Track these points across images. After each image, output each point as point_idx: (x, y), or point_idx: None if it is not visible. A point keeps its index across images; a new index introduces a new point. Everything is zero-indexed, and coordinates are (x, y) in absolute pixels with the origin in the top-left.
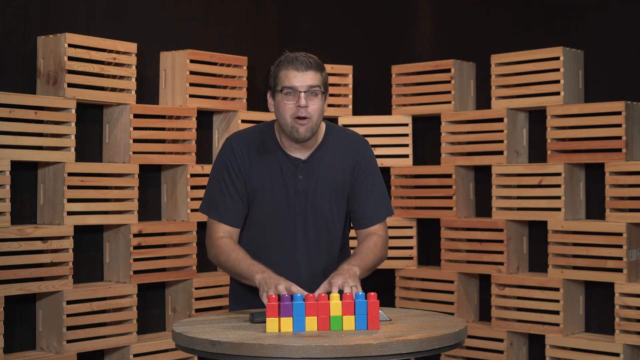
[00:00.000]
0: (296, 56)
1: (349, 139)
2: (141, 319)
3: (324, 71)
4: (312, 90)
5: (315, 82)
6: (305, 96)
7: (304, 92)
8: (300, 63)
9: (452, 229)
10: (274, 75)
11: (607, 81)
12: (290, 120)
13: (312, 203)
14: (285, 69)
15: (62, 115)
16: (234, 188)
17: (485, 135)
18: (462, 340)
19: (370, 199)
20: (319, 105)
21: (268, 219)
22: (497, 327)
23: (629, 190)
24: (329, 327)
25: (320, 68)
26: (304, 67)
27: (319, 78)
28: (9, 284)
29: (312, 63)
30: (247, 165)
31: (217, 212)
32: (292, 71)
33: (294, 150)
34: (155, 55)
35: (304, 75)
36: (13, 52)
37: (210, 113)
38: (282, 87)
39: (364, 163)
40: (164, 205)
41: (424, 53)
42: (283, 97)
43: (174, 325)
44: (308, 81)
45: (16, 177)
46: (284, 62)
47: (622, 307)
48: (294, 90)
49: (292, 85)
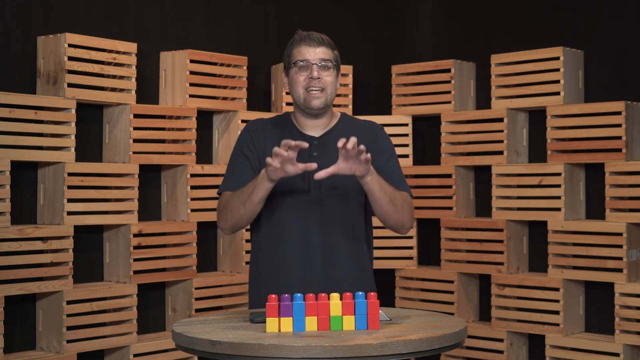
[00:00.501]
0: (308, 34)
1: (363, 123)
2: (141, 319)
3: (336, 50)
4: (324, 64)
5: (327, 57)
6: (318, 68)
7: (316, 64)
8: (312, 39)
9: (452, 229)
10: (287, 53)
11: (607, 81)
12: (302, 92)
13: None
14: (298, 45)
15: (62, 115)
16: (245, 160)
17: (485, 135)
18: (462, 340)
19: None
20: (331, 78)
21: (283, 193)
22: (497, 327)
23: (629, 190)
24: (329, 327)
25: (332, 46)
26: (315, 42)
27: (330, 54)
28: (9, 284)
29: (324, 40)
30: (262, 142)
31: (225, 185)
32: (305, 47)
33: (308, 129)
34: (155, 55)
35: (316, 50)
36: (13, 52)
37: (210, 113)
38: (295, 61)
39: (379, 141)
40: (164, 205)
41: (424, 53)
42: (296, 71)
43: (174, 325)
44: (320, 55)
45: (16, 177)
46: (297, 40)
47: (622, 307)
48: (307, 63)
49: (304, 58)
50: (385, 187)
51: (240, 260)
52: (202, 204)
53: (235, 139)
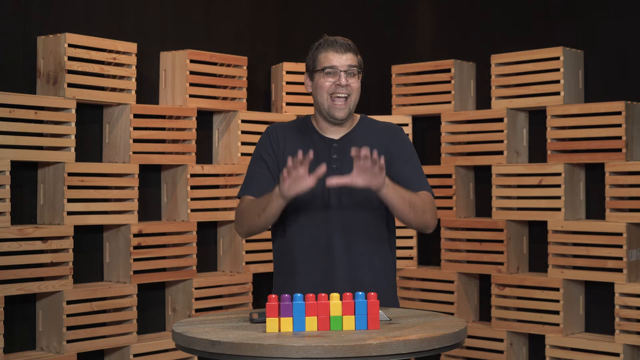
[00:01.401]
0: (335, 39)
1: (382, 124)
2: (141, 319)
3: (359, 54)
4: (351, 70)
5: (354, 63)
6: (345, 75)
7: (344, 71)
8: (339, 45)
9: (452, 229)
10: (313, 57)
11: (607, 81)
12: (327, 97)
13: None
14: (325, 50)
15: (62, 115)
16: (263, 164)
17: (485, 135)
18: (462, 340)
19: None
20: (357, 84)
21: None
22: (497, 327)
23: (629, 190)
24: (329, 327)
25: (357, 51)
26: (343, 49)
27: (356, 59)
28: (9, 284)
29: (350, 46)
30: (282, 146)
31: (251, 188)
32: (332, 53)
33: (328, 132)
34: (155, 55)
35: (343, 56)
36: (13, 52)
37: (210, 113)
38: (323, 67)
39: (398, 142)
40: (164, 205)
41: (424, 53)
42: (323, 76)
43: (174, 325)
44: (348, 61)
45: (16, 177)
46: (323, 45)
47: (622, 307)
48: (335, 70)
49: (332, 65)
50: (403, 195)
51: (240, 260)
52: (202, 204)
53: (235, 138)
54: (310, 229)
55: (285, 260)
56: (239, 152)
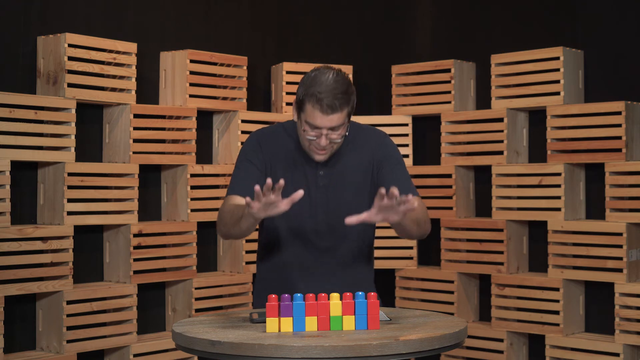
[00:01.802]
0: (322, 97)
1: (368, 131)
2: (141, 319)
3: (352, 101)
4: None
5: (339, 122)
6: (327, 135)
7: (325, 134)
8: (326, 106)
9: (452, 229)
10: (301, 95)
11: (607, 81)
12: (307, 145)
13: (333, 197)
14: (312, 105)
15: (62, 115)
16: (251, 165)
17: (485, 135)
18: (462, 340)
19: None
20: (339, 135)
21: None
22: (497, 327)
23: (629, 190)
24: (329, 327)
25: (347, 102)
26: (330, 110)
27: (343, 116)
28: (9, 284)
29: (337, 105)
30: (269, 158)
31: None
32: (318, 112)
33: None
34: (155, 55)
35: (329, 118)
36: (13, 52)
37: (210, 113)
38: (306, 121)
39: (385, 147)
40: (164, 205)
41: (424, 53)
42: (305, 126)
43: (174, 325)
44: (332, 123)
45: (16, 177)
46: (311, 97)
47: (622, 307)
48: (317, 131)
49: (315, 124)
50: (411, 216)
51: (240, 260)
52: (202, 204)
53: (235, 138)
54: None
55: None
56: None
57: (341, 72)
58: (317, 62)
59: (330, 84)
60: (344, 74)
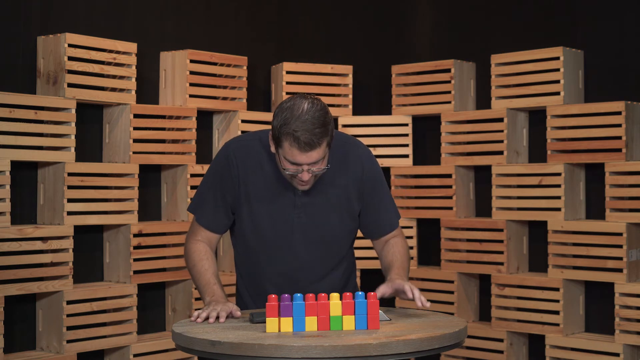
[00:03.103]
0: (299, 135)
1: (350, 151)
2: (141, 319)
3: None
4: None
5: (320, 157)
6: (309, 170)
7: (306, 169)
8: (305, 144)
9: (452, 229)
10: (276, 131)
11: (607, 81)
12: (289, 178)
13: (311, 218)
14: (289, 144)
15: (62, 115)
16: (222, 197)
17: (485, 135)
18: (462, 340)
19: (382, 208)
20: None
21: (265, 232)
22: (497, 327)
23: (629, 190)
24: (329, 327)
25: (326, 134)
26: (308, 147)
27: (323, 149)
28: (9, 284)
29: (316, 141)
30: (243, 175)
31: (202, 215)
32: (296, 150)
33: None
34: (155, 55)
35: (308, 155)
36: (13, 52)
37: (210, 113)
38: (284, 157)
39: (369, 174)
40: (164, 205)
41: (424, 53)
42: (285, 166)
43: (174, 325)
44: (312, 159)
45: (16, 177)
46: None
47: (622, 307)
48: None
49: (295, 161)
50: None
51: None
52: None
53: None
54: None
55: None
56: None
57: (315, 100)
58: (317, 62)
59: (306, 119)
60: (318, 102)
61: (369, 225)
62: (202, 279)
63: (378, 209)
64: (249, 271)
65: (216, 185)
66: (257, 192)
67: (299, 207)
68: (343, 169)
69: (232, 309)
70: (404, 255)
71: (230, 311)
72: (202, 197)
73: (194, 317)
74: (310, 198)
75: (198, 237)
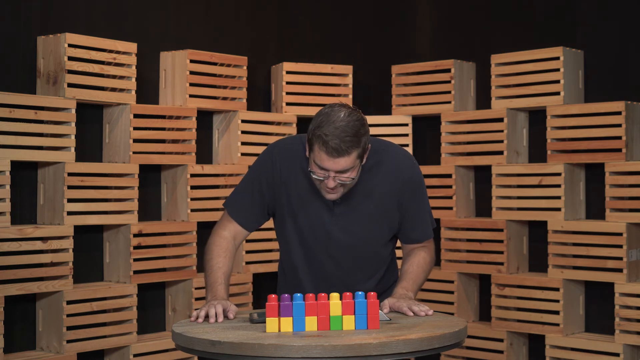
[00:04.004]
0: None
1: (395, 162)
2: (141, 319)
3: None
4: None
5: (348, 166)
6: (335, 177)
7: (333, 176)
8: (332, 149)
9: (452, 229)
10: (310, 134)
11: (607, 81)
12: (318, 184)
13: (349, 225)
14: (319, 147)
15: (62, 115)
16: (260, 195)
17: (485, 135)
18: (462, 339)
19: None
20: (348, 178)
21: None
22: (497, 327)
23: (629, 190)
24: (329, 327)
25: (357, 145)
26: (336, 153)
27: (352, 159)
28: (9, 284)
29: (344, 149)
30: (285, 175)
31: (235, 208)
32: (324, 154)
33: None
34: (155, 55)
35: (335, 161)
36: (13, 52)
37: (210, 113)
38: (313, 160)
39: (407, 182)
40: (164, 205)
41: (424, 53)
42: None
43: (174, 325)
44: (339, 167)
45: (16, 177)
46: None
47: (622, 307)
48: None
49: (322, 166)
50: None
51: (240, 261)
52: (202, 204)
53: (235, 138)
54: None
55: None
56: (239, 152)
57: (355, 111)
58: (317, 62)
59: (339, 125)
60: (357, 113)
61: (403, 231)
62: (212, 276)
63: (414, 218)
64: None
65: (256, 182)
66: (298, 192)
67: (337, 214)
68: (387, 178)
69: (229, 308)
70: (422, 267)
71: (226, 308)
72: (240, 192)
73: (194, 318)
74: (345, 207)
75: (225, 231)
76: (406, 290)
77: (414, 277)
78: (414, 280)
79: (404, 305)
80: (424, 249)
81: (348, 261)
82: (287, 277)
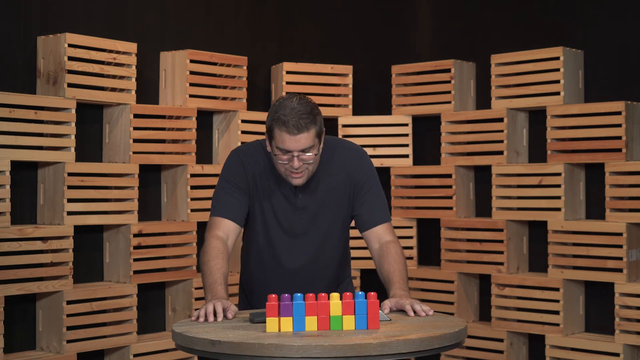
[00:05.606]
0: (287, 119)
1: (344, 150)
2: (141, 319)
3: (318, 122)
4: (306, 150)
5: (308, 144)
6: (299, 157)
7: (296, 155)
8: (292, 126)
9: (452, 229)
10: (269, 126)
11: (607, 81)
12: (283, 171)
13: (311, 219)
14: (279, 129)
15: (62, 115)
16: (236, 187)
17: (485, 135)
18: (462, 340)
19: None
20: (313, 157)
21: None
22: (497, 327)
23: (629, 190)
24: (329, 327)
25: (314, 122)
26: (296, 130)
27: (312, 136)
28: (9, 284)
29: (303, 125)
30: (251, 176)
31: (220, 208)
32: (285, 134)
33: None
34: (155, 55)
35: (296, 139)
36: (13, 52)
37: (210, 113)
38: (277, 146)
39: (360, 173)
40: (164, 205)
41: (424, 53)
42: (277, 152)
43: (174, 325)
44: (300, 145)
45: (16, 177)
46: (277, 121)
47: (622, 307)
48: (288, 153)
49: (285, 148)
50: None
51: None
52: (202, 204)
53: (235, 138)
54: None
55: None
56: None
57: (305, 97)
58: (317, 62)
59: (294, 107)
60: (307, 98)
61: (361, 215)
62: (211, 277)
63: (369, 202)
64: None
65: (232, 181)
66: (264, 191)
67: (300, 208)
68: (339, 170)
69: (229, 307)
70: (402, 264)
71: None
72: (219, 196)
73: (194, 317)
74: (308, 200)
75: (218, 232)
76: (402, 291)
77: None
78: (403, 280)
79: (407, 303)
80: (391, 243)
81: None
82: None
